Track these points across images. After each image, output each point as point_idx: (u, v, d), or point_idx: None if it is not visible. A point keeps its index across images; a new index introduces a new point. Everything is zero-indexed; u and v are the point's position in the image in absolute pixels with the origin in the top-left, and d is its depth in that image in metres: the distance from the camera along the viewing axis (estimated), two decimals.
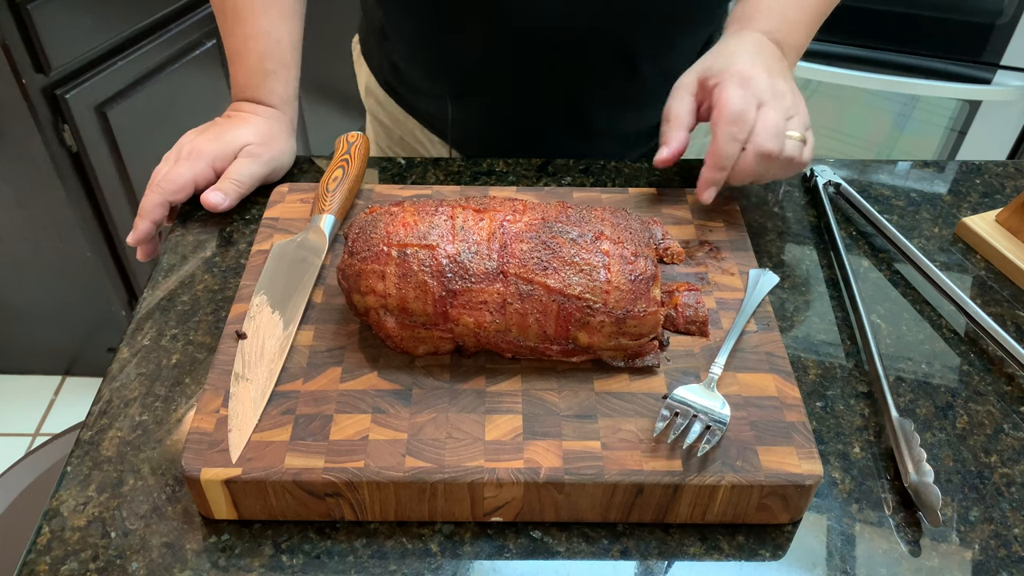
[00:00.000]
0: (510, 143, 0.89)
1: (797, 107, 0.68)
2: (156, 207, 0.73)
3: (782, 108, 0.67)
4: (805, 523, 0.54)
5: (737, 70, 0.67)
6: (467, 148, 0.94)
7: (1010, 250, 0.73)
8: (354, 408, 0.54)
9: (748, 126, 0.65)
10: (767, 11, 0.74)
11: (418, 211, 0.57)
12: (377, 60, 0.96)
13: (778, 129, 0.65)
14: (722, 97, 0.66)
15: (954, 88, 1.79)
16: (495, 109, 0.91)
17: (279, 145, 0.78)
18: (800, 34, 0.75)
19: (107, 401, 0.59)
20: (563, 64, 0.85)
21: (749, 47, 0.71)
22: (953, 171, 0.86)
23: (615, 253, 0.55)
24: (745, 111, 0.65)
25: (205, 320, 0.66)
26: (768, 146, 0.65)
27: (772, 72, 0.68)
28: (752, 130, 0.65)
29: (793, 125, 0.67)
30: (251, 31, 0.77)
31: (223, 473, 0.50)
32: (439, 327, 0.55)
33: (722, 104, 0.66)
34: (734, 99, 0.65)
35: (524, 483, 0.50)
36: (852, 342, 0.66)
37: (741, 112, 0.65)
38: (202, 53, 1.65)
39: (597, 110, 0.90)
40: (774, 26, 0.73)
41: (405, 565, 0.51)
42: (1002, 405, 0.62)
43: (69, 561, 0.50)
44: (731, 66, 0.68)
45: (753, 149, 0.65)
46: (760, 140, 0.65)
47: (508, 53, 0.84)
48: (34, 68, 1.34)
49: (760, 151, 0.65)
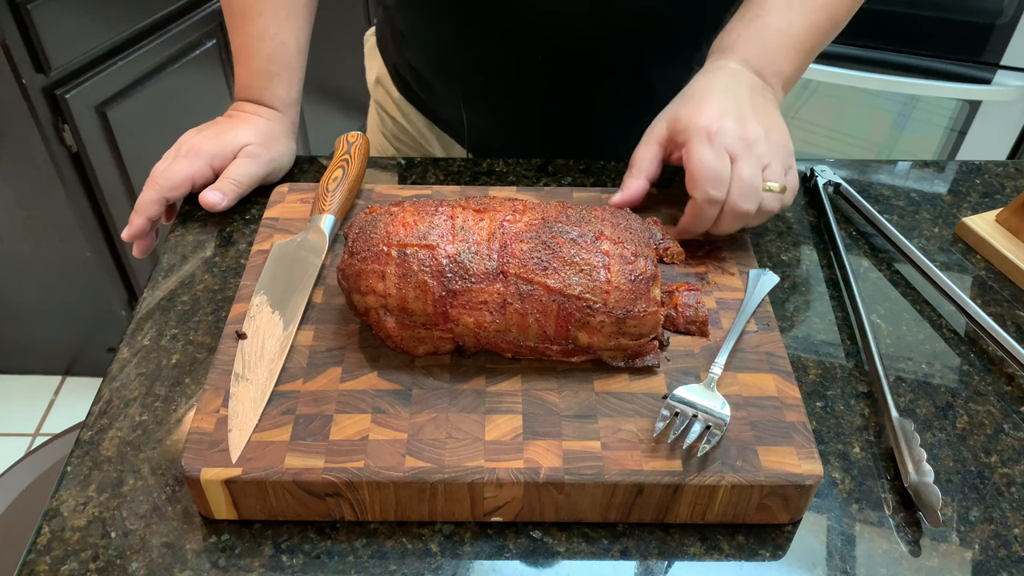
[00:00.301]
0: (522, 147, 0.89)
1: (774, 151, 0.65)
2: (152, 203, 0.73)
3: (755, 159, 0.63)
4: (805, 523, 0.54)
5: (703, 125, 0.64)
6: (479, 151, 0.95)
7: (1010, 250, 0.73)
8: (354, 408, 0.54)
9: (724, 185, 0.63)
10: (745, 40, 0.71)
11: (418, 211, 0.57)
12: (392, 57, 0.96)
13: (754, 186, 0.63)
14: (692, 160, 0.64)
15: (954, 88, 1.79)
16: (509, 116, 0.91)
17: (279, 147, 0.78)
18: (784, 61, 0.71)
19: (107, 401, 0.59)
20: (578, 75, 0.85)
21: (722, 82, 0.68)
22: (953, 171, 0.86)
23: (615, 253, 0.55)
24: (719, 172, 0.63)
25: (205, 320, 0.66)
26: (745, 207, 0.63)
27: (743, 113, 0.65)
28: (728, 189, 0.63)
29: (770, 175, 0.64)
30: (258, 32, 0.77)
31: (223, 473, 0.50)
32: (439, 327, 0.55)
33: (693, 168, 0.64)
34: (705, 160, 0.63)
35: (524, 483, 0.50)
36: (852, 342, 0.66)
37: (715, 174, 0.63)
38: (202, 53, 1.65)
39: (609, 121, 0.90)
40: (753, 54, 0.70)
41: (405, 565, 0.51)
42: (1002, 405, 0.62)
43: (69, 561, 0.50)
44: (698, 119, 0.65)
45: (730, 211, 0.64)
46: (736, 201, 0.63)
47: (525, 65, 0.84)
48: (34, 68, 1.34)
49: (737, 212, 0.64)
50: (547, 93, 0.88)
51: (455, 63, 0.87)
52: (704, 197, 0.63)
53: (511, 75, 0.86)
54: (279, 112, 0.80)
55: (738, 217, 0.64)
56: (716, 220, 0.65)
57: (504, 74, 0.86)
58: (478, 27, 0.83)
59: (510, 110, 0.91)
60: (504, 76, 0.87)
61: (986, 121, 1.83)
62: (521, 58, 0.84)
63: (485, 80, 0.88)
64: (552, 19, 0.80)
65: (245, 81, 0.79)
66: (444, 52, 0.87)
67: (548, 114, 0.90)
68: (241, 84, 0.80)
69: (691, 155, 0.64)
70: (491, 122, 0.92)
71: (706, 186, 0.63)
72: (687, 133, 0.65)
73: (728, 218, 0.65)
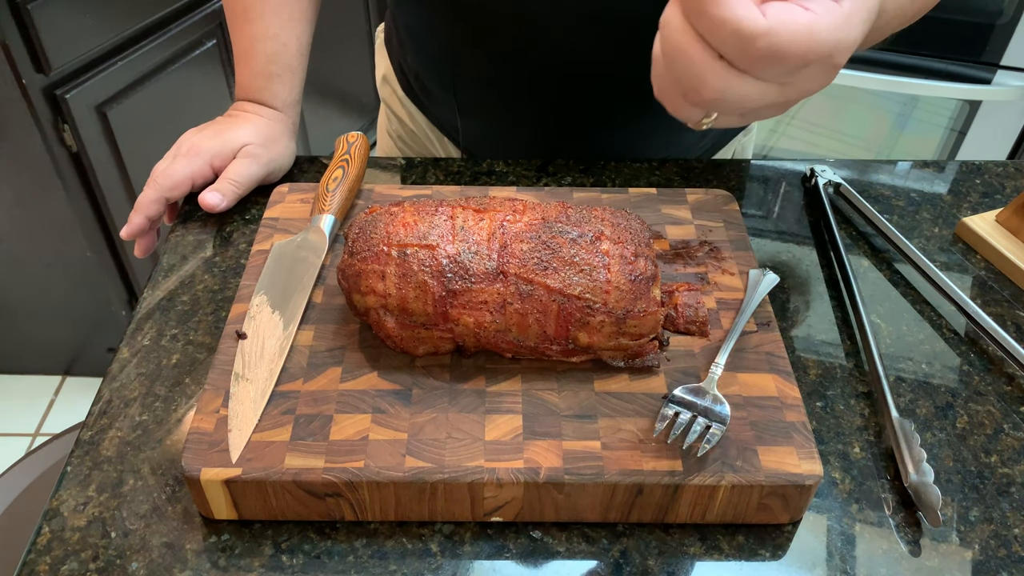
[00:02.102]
0: (517, 154, 0.89)
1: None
2: (152, 203, 0.73)
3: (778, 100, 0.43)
4: (805, 523, 0.54)
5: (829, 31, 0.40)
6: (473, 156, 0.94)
7: (1010, 250, 0.73)
8: (354, 408, 0.54)
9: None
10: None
11: (418, 211, 0.57)
12: (397, 57, 0.96)
13: (738, 110, 0.43)
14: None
15: (954, 88, 1.79)
16: (502, 124, 0.91)
17: (279, 147, 0.78)
18: None
19: (107, 401, 0.59)
20: (572, 89, 0.84)
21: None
22: (953, 171, 0.86)
23: (615, 253, 0.55)
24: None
25: (205, 320, 0.66)
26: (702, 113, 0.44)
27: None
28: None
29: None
30: (259, 33, 0.77)
31: (223, 473, 0.50)
32: (439, 327, 0.55)
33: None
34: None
35: (524, 483, 0.50)
36: (852, 342, 0.66)
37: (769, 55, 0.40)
38: (202, 53, 1.65)
39: (603, 132, 0.90)
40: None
41: (405, 565, 0.51)
42: (1002, 405, 0.62)
43: (69, 561, 0.50)
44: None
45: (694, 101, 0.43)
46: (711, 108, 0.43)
47: (519, 77, 0.84)
48: (34, 68, 1.34)
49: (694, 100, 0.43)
50: (541, 104, 0.87)
51: (449, 70, 0.86)
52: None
53: (505, 86, 0.85)
54: (279, 112, 0.80)
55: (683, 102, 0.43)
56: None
57: (498, 85, 0.86)
58: (472, 38, 0.82)
59: (503, 119, 0.90)
60: (498, 87, 0.86)
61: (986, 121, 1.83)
62: (515, 71, 0.83)
63: (478, 89, 0.87)
64: (547, 35, 0.79)
65: (246, 81, 0.79)
66: (439, 58, 0.87)
67: (542, 124, 0.90)
68: (242, 84, 0.80)
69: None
70: (484, 129, 0.91)
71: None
72: None
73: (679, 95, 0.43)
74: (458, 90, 0.87)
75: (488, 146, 0.92)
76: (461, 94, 0.87)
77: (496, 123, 0.90)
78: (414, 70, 0.92)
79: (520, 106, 0.87)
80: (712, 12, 0.38)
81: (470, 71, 0.85)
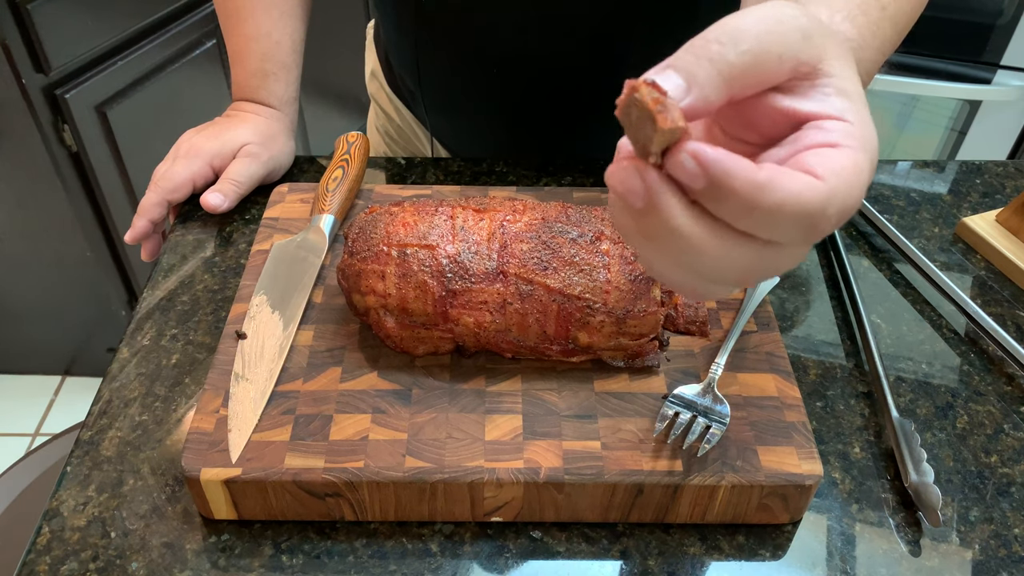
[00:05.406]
0: (485, 152, 0.88)
1: None
2: (154, 206, 0.73)
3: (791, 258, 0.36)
4: (805, 523, 0.54)
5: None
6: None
7: (1010, 250, 0.73)
8: (354, 408, 0.54)
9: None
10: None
11: (418, 211, 0.57)
12: (382, 53, 0.96)
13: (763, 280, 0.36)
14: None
15: (954, 88, 1.79)
16: (468, 125, 0.90)
17: (278, 145, 0.78)
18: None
19: (107, 401, 0.59)
20: (536, 89, 0.83)
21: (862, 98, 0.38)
22: (953, 171, 0.86)
23: (615, 253, 0.55)
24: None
25: (205, 320, 0.66)
26: (712, 289, 0.37)
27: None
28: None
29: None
30: (252, 32, 0.77)
31: (223, 473, 0.50)
32: (439, 327, 0.55)
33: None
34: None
35: (524, 483, 0.50)
36: (852, 342, 0.66)
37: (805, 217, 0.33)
38: (202, 53, 1.65)
39: (568, 133, 0.89)
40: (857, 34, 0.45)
41: (405, 565, 0.51)
42: (1002, 405, 0.62)
43: (69, 561, 0.50)
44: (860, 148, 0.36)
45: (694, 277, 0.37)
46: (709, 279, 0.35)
47: (480, 78, 0.83)
48: (34, 68, 1.34)
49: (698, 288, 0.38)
50: (503, 103, 0.86)
51: (417, 68, 0.85)
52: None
53: (467, 84, 0.85)
54: (277, 110, 0.80)
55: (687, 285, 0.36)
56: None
57: (461, 84, 0.85)
58: (434, 38, 0.81)
59: (467, 117, 0.89)
60: (461, 86, 0.85)
61: (986, 121, 1.83)
62: (476, 70, 0.82)
63: (443, 87, 0.86)
64: (504, 35, 0.78)
65: (241, 81, 0.79)
66: (407, 55, 0.87)
67: (506, 123, 0.89)
68: (238, 84, 0.80)
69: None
70: (451, 127, 0.91)
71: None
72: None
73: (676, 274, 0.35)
74: (424, 87, 0.87)
75: (457, 143, 0.92)
76: (427, 91, 0.87)
77: (461, 121, 0.90)
78: (394, 66, 0.92)
79: (483, 105, 0.86)
80: (768, 202, 0.30)
81: (433, 70, 0.85)
